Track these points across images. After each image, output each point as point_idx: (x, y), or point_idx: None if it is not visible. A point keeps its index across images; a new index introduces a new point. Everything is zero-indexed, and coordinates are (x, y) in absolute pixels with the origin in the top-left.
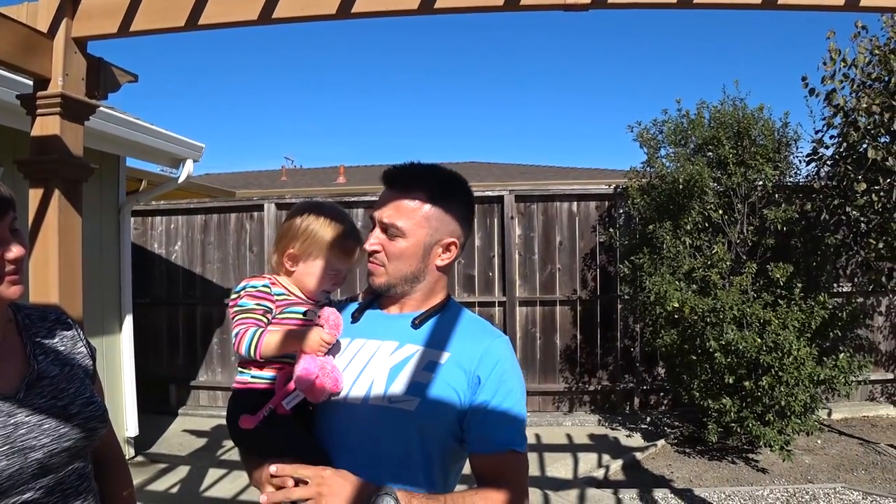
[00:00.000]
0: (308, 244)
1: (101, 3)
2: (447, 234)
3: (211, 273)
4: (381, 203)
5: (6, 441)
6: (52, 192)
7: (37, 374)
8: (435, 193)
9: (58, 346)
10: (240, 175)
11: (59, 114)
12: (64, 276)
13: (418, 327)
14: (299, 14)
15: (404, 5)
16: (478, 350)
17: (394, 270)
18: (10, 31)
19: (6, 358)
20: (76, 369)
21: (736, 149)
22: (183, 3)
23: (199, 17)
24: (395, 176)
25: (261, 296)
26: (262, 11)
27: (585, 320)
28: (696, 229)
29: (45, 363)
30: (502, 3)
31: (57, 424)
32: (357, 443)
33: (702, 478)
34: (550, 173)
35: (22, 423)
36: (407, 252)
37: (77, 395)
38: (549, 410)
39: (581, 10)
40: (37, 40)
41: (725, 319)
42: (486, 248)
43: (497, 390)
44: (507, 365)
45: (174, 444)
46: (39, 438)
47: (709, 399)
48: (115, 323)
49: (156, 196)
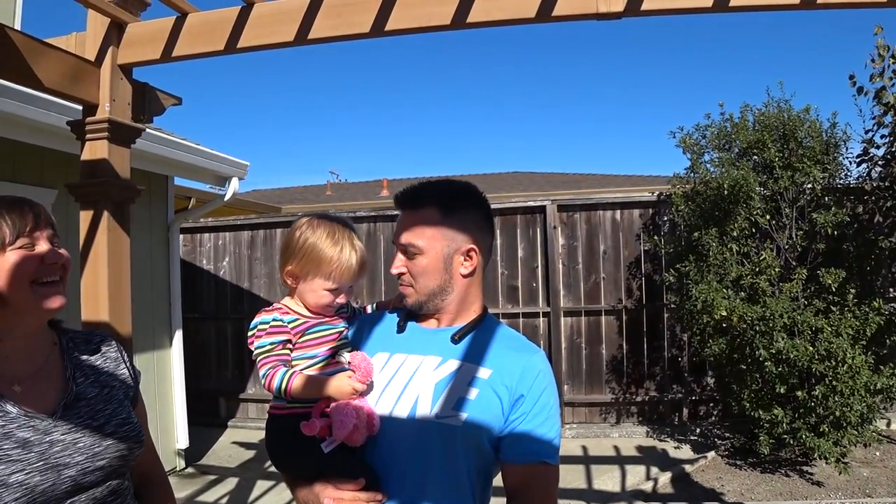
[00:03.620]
0: (305, 261)
1: (145, 30)
2: (465, 242)
3: (258, 288)
4: (397, 228)
5: (41, 458)
6: (102, 213)
7: (74, 396)
8: (444, 205)
9: (99, 367)
10: (286, 191)
11: (107, 138)
12: (114, 294)
13: (458, 342)
14: (333, 34)
15: (436, 21)
16: (517, 366)
17: (421, 288)
18: (60, 61)
19: (46, 379)
20: (115, 391)
21: (782, 152)
22: (221, 28)
23: (237, 40)
24: (404, 198)
25: (275, 331)
26: (297, 33)
27: (631, 330)
28: (742, 235)
29: (83, 385)
30: (534, 15)
31: (91, 443)
32: (406, 459)
33: (754, 491)
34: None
35: (57, 441)
36: (429, 268)
37: (113, 416)
38: (595, 422)
39: (614, 18)
40: (85, 68)
41: (775, 327)
42: (530, 258)
43: (535, 405)
44: (545, 381)
45: (223, 455)
46: (73, 456)
47: (760, 409)
48: (165, 338)
49: (203, 213)
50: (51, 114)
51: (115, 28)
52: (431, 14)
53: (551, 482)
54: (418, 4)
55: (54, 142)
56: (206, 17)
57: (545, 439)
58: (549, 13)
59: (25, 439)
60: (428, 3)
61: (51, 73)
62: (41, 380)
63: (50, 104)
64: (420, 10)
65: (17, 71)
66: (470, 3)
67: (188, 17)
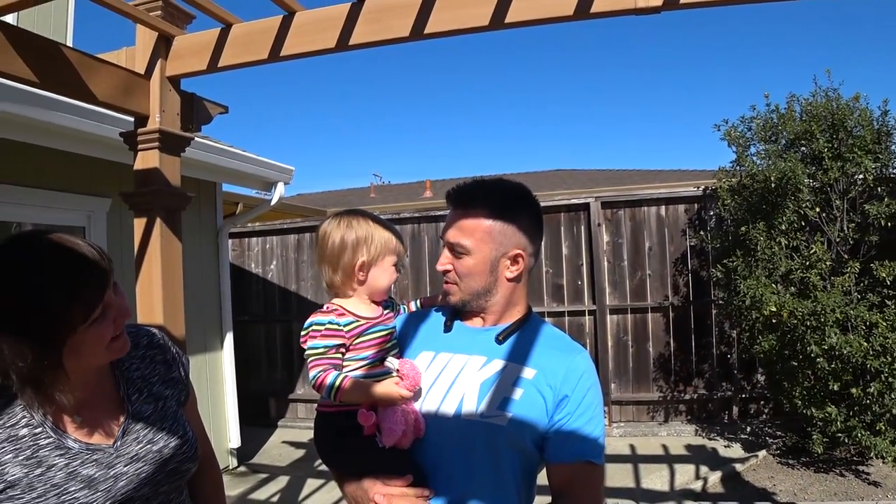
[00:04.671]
0: (374, 247)
1: (191, 42)
2: (513, 247)
3: (305, 290)
4: (447, 224)
5: (107, 496)
6: (154, 220)
7: (132, 417)
8: (495, 208)
9: (150, 377)
10: (331, 194)
11: (158, 148)
12: (167, 298)
13: (503, 343)
14: (373, 39)
15: (474, 22)
16: (562, 367)
17: (465, 287)
18: (112, 76)
19: (102, 401)
20: (169, 401)
21: (831, 142)
22: (265, 38)
23: (280, 49)
24: (456, 196)
25: (329, 334)
26: (338, 40)
27: (679, 327)
28: (791, 229)
29: (138, 403)
30: (572, 13)
31: (153, 471)
32: (452, 458)
33: (807, 491)
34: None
35: (121, 476)
36: (475, 269)
37: (171, 435)
38: (643, 420)
39: (653, 12)
40: (135, 81)
41: (827, 323)
42: (574, 256)
43: (579, 405)
44: (589, 381)
45: (274, 454)
46: (139, 490)
47: (812, 407)
48: (216, 340)
49: (251, 218)
50: (104, 125)
51: (162, 41)
52: (469, 16)
53: (596, 481)
54: (456, 6)
55: (107, 152)
56: (250, 28)
57: (590, 439)
58: (588, 10)
59: (91, 477)
60: (466, 5)
61: (104, 87)
62: (98, 403)
63: (103, 116)
64: (458, 12)
65: (72, 86)
66: (507, 3)
67: (232, 28)
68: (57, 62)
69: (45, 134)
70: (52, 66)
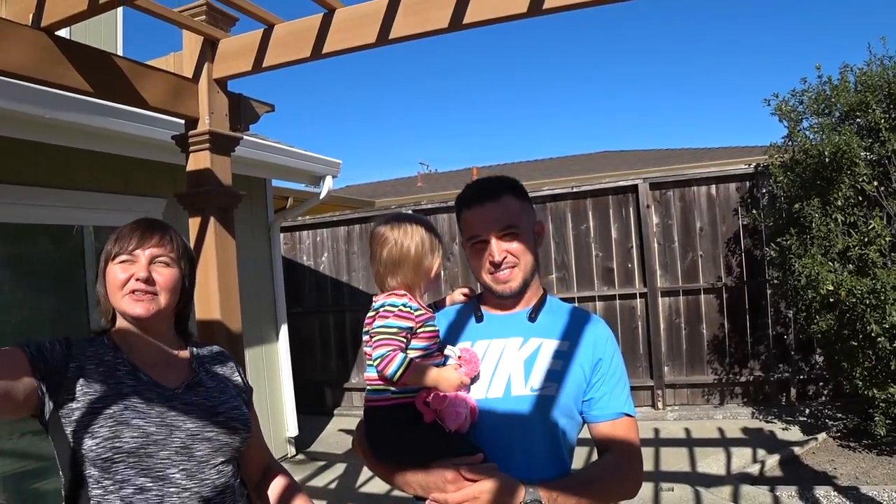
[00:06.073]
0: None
1: (236, 44)
2: (534, 222)
3: (357, 281)
4: (485, 220)
5: (160, 415)
6: (209, 219)
7: (196, 381)
8: (514, 191)
9: (217, 370)
10: (379, 185)
11: (209, 149)
12: (224, 294)
13: (534, 321)
14: (413, 32)
15: (513, 10)
16: (590, 336)
17: (525, 265)
18: (162, 81)
19: (174, 368)
20: (229, 387)
21: (888, 113)
22: (307, 36)
23: (322, 46)
24: (483, 193)
25: (403, 315)
26: (378, 34)
27: (732, 308)
28: (848, 204)
29: (203, 377)
30: None
31: (202, 415)
32: (509, 436)
33: (869, 475)
34: (685, 156)
35: (176, 407)
36: (527, 243)
37: (224, 402)
38: (698, 403)
39: None
40: (184, 85)
41: (888, 301)
42: (624, 239)
43: (610, 366)
44: (613, 344)
45: (331, 442)
46: (186, 423)
47: (874, 388)
48: (272, 332)
49: (301, 212)
50: (156, 129)
51: (208, 45)
52: (506, 4)
53: (634, 430)
54: None
55: (161, 154)
56: (292, 27)
57: (623, 395)
58: None
59: (150, 399)
60: None
61: (154, 93)
62: (169, 368)
63: (154, 120)
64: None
65: (125, 93)
66: None
67: (275, 28)
68: (109, 71)
69: (103, 139)
70: (105, 76)
